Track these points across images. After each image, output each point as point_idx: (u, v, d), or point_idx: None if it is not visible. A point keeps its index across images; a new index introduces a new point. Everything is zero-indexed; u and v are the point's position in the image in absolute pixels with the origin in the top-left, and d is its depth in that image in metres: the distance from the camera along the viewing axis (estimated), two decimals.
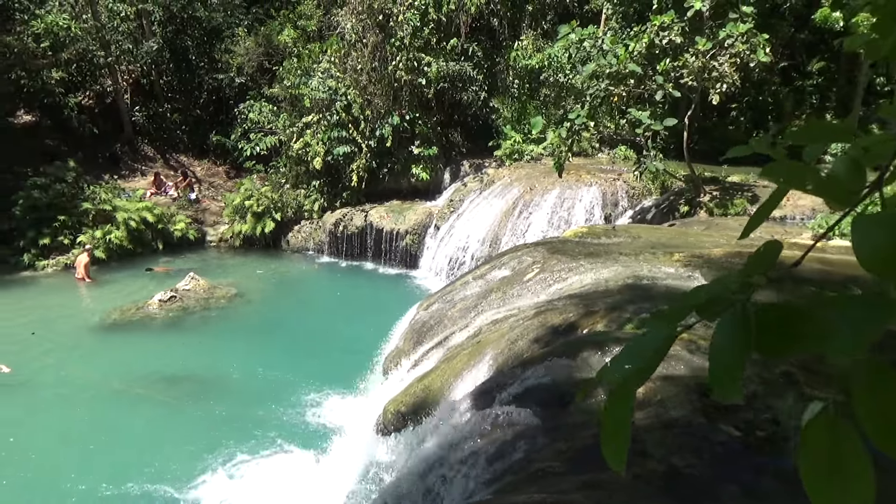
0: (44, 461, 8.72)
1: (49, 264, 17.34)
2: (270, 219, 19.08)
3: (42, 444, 9.19)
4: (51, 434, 9.50)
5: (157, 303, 14.14)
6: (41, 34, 21.89)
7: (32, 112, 23.16)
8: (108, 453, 8.98)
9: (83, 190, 18.78)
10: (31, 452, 8.96)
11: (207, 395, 10.65)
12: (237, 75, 22.72)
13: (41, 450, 9.03)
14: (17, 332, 13.21)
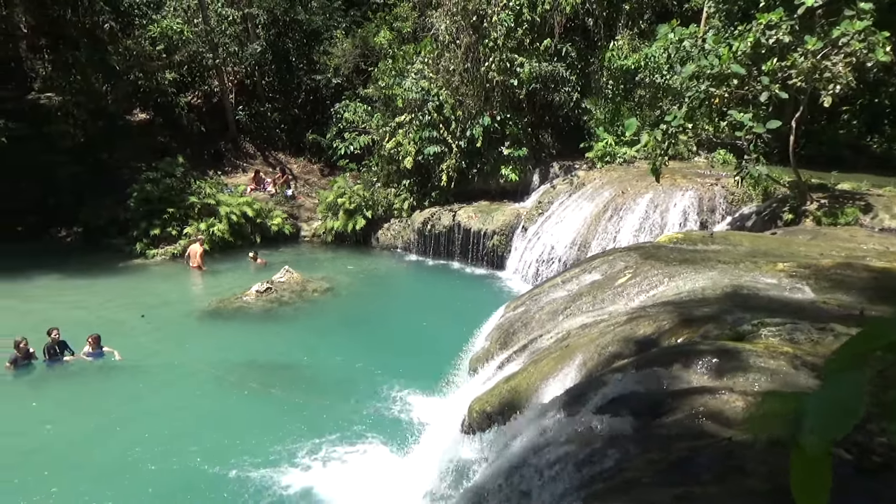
0: (144, 442, 9.28)
1: (158, 253, 18.53)
2: (361, 216, 19.59)
3: (144, 426, 9.80)
4: (152, 416, 10.11)
5: (254, 294, 14.80)
6: (157, 38, 23.44)
7: (147, 111, 24.83)
8: (205, 436, 9.47)
9: (190, 184, 19.94)
10: (132, 433, 9.57)
11: (298, 384, 11.06)
12: (334, 76, 23.45)
13: (142, 431, 9.63)
14: (129, 315, 14.19)
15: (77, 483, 8.25)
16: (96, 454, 8.97)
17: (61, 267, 17.41)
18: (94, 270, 17.33)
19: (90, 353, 11.63)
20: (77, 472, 8.57)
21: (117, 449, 9.09)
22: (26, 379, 11.32)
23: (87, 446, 9.17)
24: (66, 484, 8.23)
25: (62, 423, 9.88)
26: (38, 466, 8.62)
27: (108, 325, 13.16)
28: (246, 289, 15.17)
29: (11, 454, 8.92)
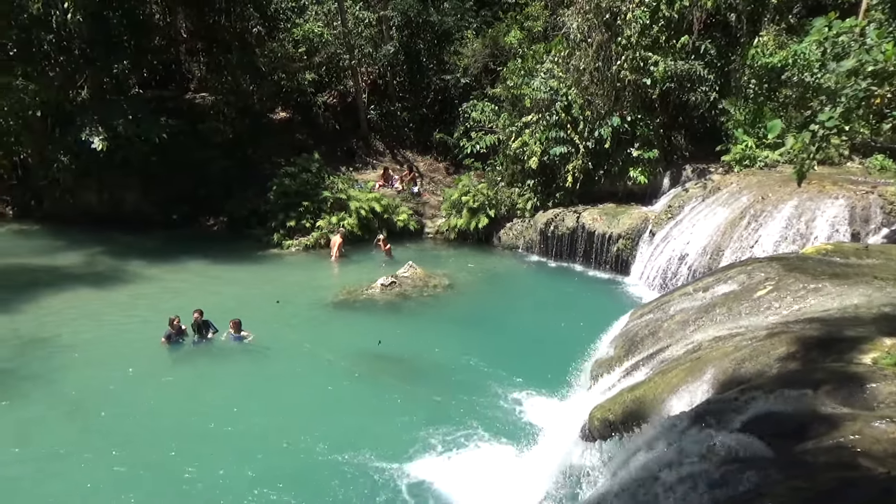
0: (272, 421, 9.89)
1: (293, 244, 19.64)
2: (485, 215, 19.72)
3: (272, 406, 10.42)
4: (281, 397, 10.73)
5: (380, 287, 15.33)
6: (299, 41, 24.82)
7: (287, 109, 26.37)
8: (328, 421, 9.94)
9: (324, 180, 20.98)
10: (262, 411, 10.21)
11: (418, 377, 11.34)
12: (463, 76, 23.76)
13: (271, 410, 10.25)
14: (264, 301, 15.15)
15: (209, 452, 8.96)
16: (229, 428, 9.67)
17: (207, 253, 18.88)
18: (236, 258, 18.66)
19: (232, 336, 12.52)
20: (210, 441, 9.29)
21: (246, 425, 9.74)
22: (176, 354, 12.38)
23: (220, 420, 9.89)
24: (200, 449, 8.96)
25: (202, 395, 10.77)
26: (178, 432, 9.44)
27: (245, 309, 14.07)
28: (372, 282, 15.73)
29: (159, 417, 9.83)
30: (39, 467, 8.72)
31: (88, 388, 10.89)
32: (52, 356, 11.98)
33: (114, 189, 21.74)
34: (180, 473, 8.43)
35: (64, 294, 15.22)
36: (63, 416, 10.01)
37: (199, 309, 12.66)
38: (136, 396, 10.58)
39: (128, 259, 18.15)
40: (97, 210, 21.99)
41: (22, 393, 10.62)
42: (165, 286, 16.25)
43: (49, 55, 19.89)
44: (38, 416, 9.98)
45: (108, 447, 9.12)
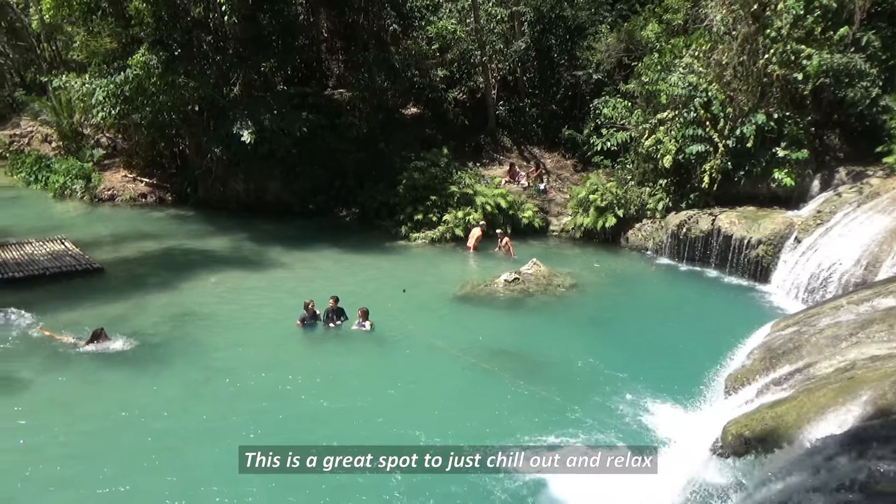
0: (386, 409, 10.21)
1: (419, 237, 20.14)
2: (612, 214, 19.22)
3: (390, 392, 10.77)
4: (400, 385, 11.06)
5: (503, 282, 15.38)
6: (433, 38, 25.33)
7: (419, 105, 27.04)
8: (442, 412, 10.14)
9: (452, 174, 21.32)
10: (379, 396, 10.58)
11: (539, 375, 11.27)
12: (595, 71, 23.22)
13: (389, 397, 10.61)
14: (390, 291, 15.67)
15: (323, 430, 9.39)
16: (344, 408, 10.15)
17: (340, 242, 19.81)
18: (365, 248, 19.43)
19: (359, 324, 13.05)
20: (326, 421, 9.77)
21: (362, 408, 10.17)
22: (308, 336, 13.12)
23: (337, 400, 10.39)
24: (314, 426, 9.44)
25: (325, 376, 11.35)
26: (299, 409, 10.03)
27: (372, 298, 14.65)
28: (495, 277, 15.82)
29: (285, 393, 10.49)
30: (173, 422, 9.70)
31: (227, 359, 11.88)
32: (201, 329, 13.11)
33: (258, 179, 23.30)
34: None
35: (216, 275, 16.58)
36: (201, 382, 11.03)
37: (335, 296, 13.33)
38: (267, 372, 11.36)
39: (268, 245, 19.42)
40: (243, 198, 23.69)
41: (174, 358, 11.79)
42: (301, 272, 17.23)
43: (207, 55, 21.62)
44: (182, 379, 11.07)
45: (231, 412, 9.98)
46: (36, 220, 21.98)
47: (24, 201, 25.56)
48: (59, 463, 8.57)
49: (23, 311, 13.21)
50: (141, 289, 15.44)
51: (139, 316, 13.63)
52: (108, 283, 16.00)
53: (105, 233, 20.87)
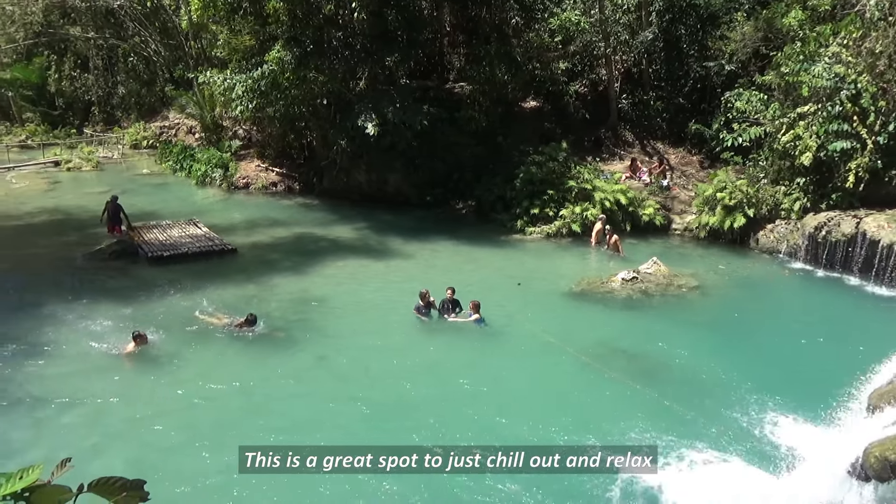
0: (493, 400, 10.24)
1: (535, 231, 20.00)
2: (742, 214, 18.14)
3: (496, 387, 10.76)
4: (506, 379, 11.06)
5: (620, 281, 14.98)
6: (555, 30, 24.98)
7: (538, 98, 26.78)
8: (550, 409, 10.04)
9: (570, 169, 20.99)
10: (483, 391, 10.62)
11: (654, 379, 10.90)
12: (727, 62, 21.97)
13: (494, 390, 10.62)
14: (503, 285, 15.71)
15: (430, 419, 9.53)
16: (452, 399, 10.29)
17: (456, 234, 20.07)
18: (481, 241, 19.57)
19: (470, 315, 13.15)
20: (433, 409, 9.90)
21: (469, 399, 10.25)
22: (423, 326, 13.39)
23: (445, 390, 10.58)
24: (420, 414, 9.59)
25: (435, 364, 11.66)
26: (407, 394, 10.23)
27: (486, 290, 14.78)
28: (612, 274, 15.44)
29: (394, 377, 10.76)
30: (290, 393, 10.35)
31: (343, 343, 12.41)
32: (322, 313, 13.79)
33: (380, 170, 24.04)
34: (399, 433, 9.17)
35: (338, 261, 17.36)
36: (317, 363, 11.63)
37: (451, 287, 13.54)
38: (380, 358, 11.75)
39: (388, 235, 20.03)
40: (365, 189, 24.54)
41: (295, 338, 12.51)
42: (418, 262, 17.65)
43: (336, 50, 22.53)
44: (300, 360, 11.71)
45: (343, 389, 10.54)
46: (179, 205, 23.93)
47: (170, 187, 27.88)
48: (183, 425, 9.34)
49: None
50: (271, 272, 16.43)
51: (269, 297, 14.52)
52: (241, 266, 17.16)
53: (240, 218, 22.36)
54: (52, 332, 12.41)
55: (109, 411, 9.76)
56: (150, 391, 10.39)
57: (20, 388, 10.28)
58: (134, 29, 37.37)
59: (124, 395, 10.20)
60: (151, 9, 35.28)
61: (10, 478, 1.82)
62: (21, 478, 1.83)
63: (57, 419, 9.51)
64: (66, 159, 32.60)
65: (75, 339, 12.15)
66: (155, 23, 36.46)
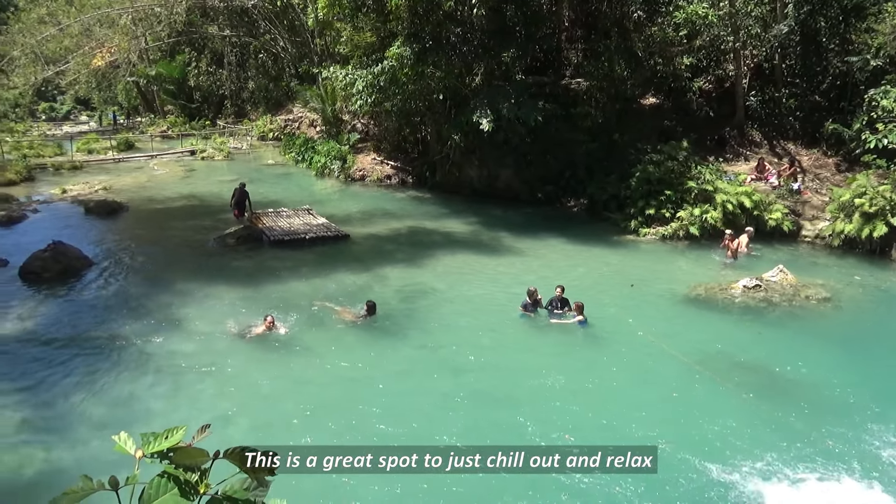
0: (597, 404, 10.00)
1: (649, 232, 19.34)
2: (883, 222, 16.65)
3: (601, 391, 10.49)
4: (611, 383, 10.75)
5: (742, 288, 14.20)
6: (680, 24, 23.96)
7: (658, 95, 25.84)
8: (659, 416, 9.58)
9: (690, 169, 20.12)
10: (588, 393, 10.38)
11: (774, 393, 10.28)
12: (873, 57, 20.22)
13: (599, 394, 10.35)
14: (614, 286, 15.32)
15: (520, 417, 9.41)
16: (550, 399, 10.06)
17: (566, 232, 19.78)
18: (592, 240, 19.18)
19: (573, 316, 12.90)
20: (530, 407, 9.76)
21: (571, 401, 10.02)
22: (528, 323, 13.27)
23: (543, 390, 10.35)
24: (516, 410, 9.49)
25: (537, 362, 11.36)
26: (506, 390, 10.15)
27: (595, 291, 14.51)
28: (733, 281, 14.67)
29: (496, 370, 10.72)
30: (397, 383, 10.54)
31: (448, 335, 12.55)
32: (430, 305, 14.04)
33: (492, 166, 24.13)
34: (498, 428, 9.14)
35: (449, 255, 17.60)
36: (426, 351, 11.86)
37: (561, 285, 13.39)
38: (482, 352, 11.76)
39: (497, 230, 20.08)
40: (476, 184, 24.73)
41: (402, 328, 12.74)
42: (527, 259, 17.56)
43: (455, 46, 22.80)
44: (405, 349, 11.91)
45: (448, 382, 10.62)
46: (300, 194, 25.12)
47: (292, 177, 29.35)
48: (300, 403, 9.82)
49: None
50: (385, 262, 16.93)
51: (380, 286, 14.96)
52: (357, 255, 17.80)
53: (355, 209, 23.17)
54: (185, 308, 13.42)
55: (234, 385, 10.43)
56: (271, 370, 10.99)
57: (157, 358, 11.20)
58: (265, 27, 39.54)
59: (248, 371, 10.87)
60: (281, 7, 37.17)
61: (156, 437, 2.00)
62: (166, 438, 2.01)
63: (189, 388, 10.28)
64: (201, 149, 35.13)
65: (205, 316, 13.07)
66: (284, 21, 38.41)
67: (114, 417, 9.29)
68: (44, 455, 8.42)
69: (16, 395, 9.95)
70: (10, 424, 9.16)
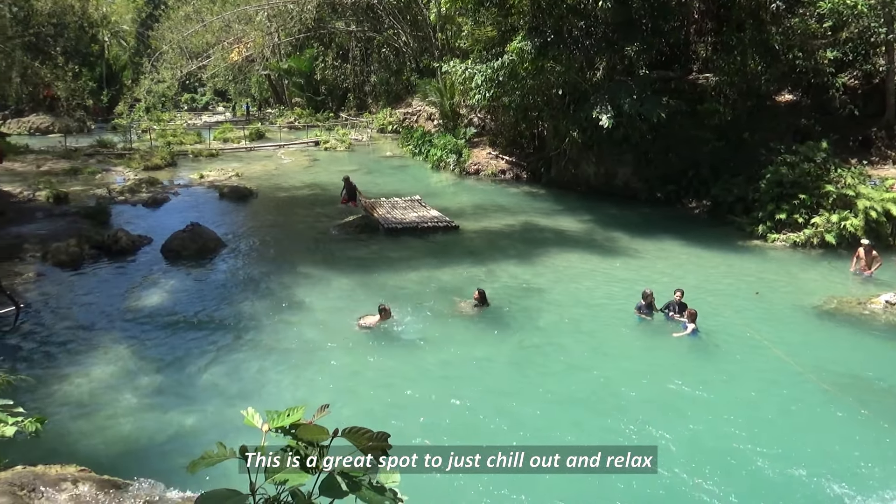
0: (712, 420, 9.38)
1: (779, 238, 18.12)
2: None
3: (716, 404, 9.83)
4: (729, 398, 10.03)
5: (884, 304, 13.01)
6: (825, 14, 22.17)
7: (795, 91, 24.10)
8: (780, 436, 8.92)
9: (829, 172, 18.63)
10: (700, 406, 9.78)
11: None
12: None
13: (713, 409, 9.70)
14: (737, 294, 14.49)
15: (633, 427, 9.03)
16: (656, 409, 9.59)
17: (686, 235, 18.93)
18: (714, 244, 18.24)
19: (684, 325, 12.25)
20: (635, 415, 9.37)
21: (673, 411, 9.54)
22: (641, 327, 12.79)
23: (651, 398, 9.89)
24: (618, 421, 9.14)
25: (647, 370, 10.83)
26: (613, 399, 9.81)
27: (715, 298, 13.78)
28: (873, 296, 13.48)
29: (604, 378, 10.39)
30: (502, 380, 10.42)
31: (555, 334, 12.33)
32: (539, 302, 13.88)
33: (609, 163, 23.54)
34: (603, 432, 8.85)
35: (562, 253, 17.38)
36: (533, 349, 11.72)
37: (680, 289, 12.87)
38: (589, 353, 11.50)
39: (613, 230, 19.58)
40: (592, 181, 24.23)
41: (510, 323, 12.70)
42: (642, 260, 16.99)
43: (577, 40, 22.39)
44: (518, 343, 11.89)
45: (555, 380, 10.45)
46: (415, 186, 25.65)
47: (409, 170, 30.03)
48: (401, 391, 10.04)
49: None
50: (496, 256, 16.99)
51: (491, 280, 14.99)
52: (469, 248, 17.99)
53: (468, 202, 23.39)
54: (306, 292, 14.13)
55: (343, 370, 10.84)
56: (381, 358, 11.33)
57: (276, 337, 11.86)
58: (388, 22, 40.64)
59: (359, 357, 11.27)
60: (405, 3, 38.08)
61: (280, 414, 2.13)
62: (289, 415, 2.13)
63: (303, 369, 10.78)
64: (325, 140, 36.71)
65: (323, 301, 13.70)
66: (407, 16, 39.31)
67: (236, 389, 9.97)
68: (177, 419, 9.17)
69: (153, 363, 10.90)
70: (149, 389, 10.04)
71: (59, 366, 10.64)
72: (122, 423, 9.04)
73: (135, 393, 9.88)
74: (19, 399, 5.93)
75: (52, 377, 10.15)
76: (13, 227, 18.19)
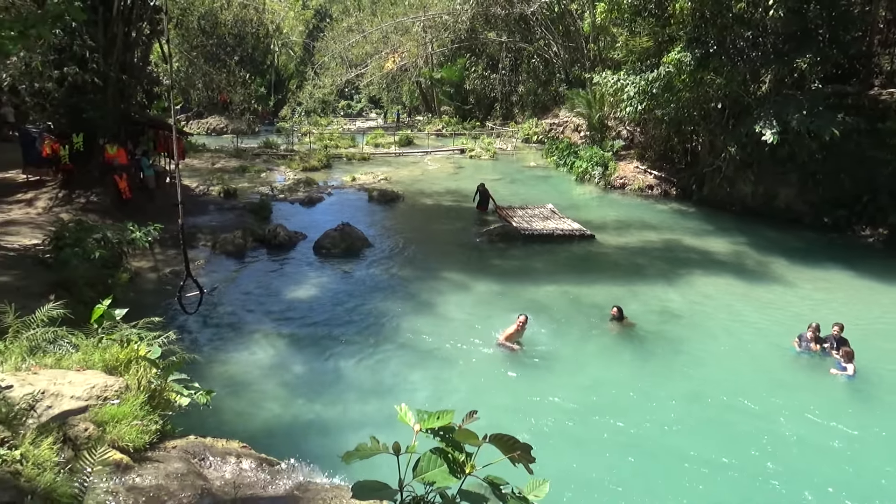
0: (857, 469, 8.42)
1: None
2: None
3: (863, 452, 8.86)
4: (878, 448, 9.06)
5: None
6: None
7: None
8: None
9: None
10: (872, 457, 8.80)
11: None
12: None
13: (860, 457, 8.75)
14: None
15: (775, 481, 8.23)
16: (802, 458, 8.74)
17: (857, 266, 17.15)
18: (889, 277, 16.39)
19: (839, 365, 11.09)
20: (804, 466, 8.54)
21: (835, 458, 8.64)
22: (797, 361, 11.73)
23: (811, 444, 9.05)
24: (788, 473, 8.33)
25: (806, 414, 9.87)
26: (773, 448, 8.98)
27: (887, 338, 12.37)
28: None
29: (760, 420, 9.57)
30: (635, 408, 9.84)
31: (702, 361, 11.61)
32: (683, 327, 13.11)
33: (770, 183, 21.89)
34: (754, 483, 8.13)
35: (708, 276, 16.37)
36: (670, 378, 11.01)
37: (839, 323, 11.72)
38: (735, 388, 10.62)
39: (770, 255, 18.16)
40: (748, 201, 22.64)
41: (654, 348, 12.11)
42: (801, 291, 15.58)
43: (742, 51, 21.08)
44: (654, 370, 11.26)
45: (690, 411, 9.78)
46: (558, 198, 25.31)
47: (552, 180, 29.72)
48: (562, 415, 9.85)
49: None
50: (636, 275, 16.35)
51: (630, 299, 14.39)
52: (608, 263, 17.48)
53: (612, 217, 22.71)
54: (446, 297, 14.39)
55: (479, 378, 10.89)
56: (516, 370, 11.25)
57: (416, 339, 12.16)
58: (540, 33, 40.55)
59: (494, 367, 11.27)
60: (558, 14, 37.82)
61: (430, 416, 2.14)
62: (439, 418, 2.14)
63: (441, 373, 10.96)
64: (470, 148, 37.29)
65: (462, 307, 13.86)
66: (559, 26, 39.00)
67: (374, 385, 10.36)
68: (320, 409, 9.67)
69: (303, 353, 11.58)
70: (299, 377, 10.68)
71: (222, 349, 11.60)
72: (272, 407, 9.68)
73: (286, 379, 10.56)
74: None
75: (214, 359, 11.08)
76: (190, 218, 20.11)
